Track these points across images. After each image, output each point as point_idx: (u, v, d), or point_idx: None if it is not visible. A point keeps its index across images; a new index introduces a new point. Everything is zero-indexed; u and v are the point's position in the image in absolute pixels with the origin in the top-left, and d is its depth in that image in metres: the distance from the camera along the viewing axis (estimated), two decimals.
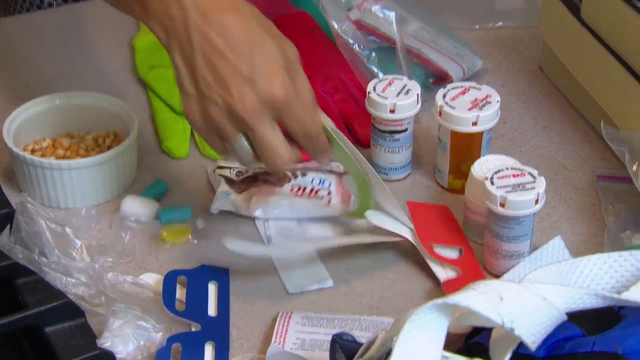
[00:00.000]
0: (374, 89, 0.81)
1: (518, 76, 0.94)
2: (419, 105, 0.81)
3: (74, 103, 0.84)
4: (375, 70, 0.87)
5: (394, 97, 0.80)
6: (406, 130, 0.81)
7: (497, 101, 0.78)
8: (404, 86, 0.81)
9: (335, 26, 0.87)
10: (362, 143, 0.86)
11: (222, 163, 0.82)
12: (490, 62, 0.95)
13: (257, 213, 0.78)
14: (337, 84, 0.90)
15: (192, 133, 0.87)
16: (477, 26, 1.00)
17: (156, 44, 0.95)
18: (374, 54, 0.88)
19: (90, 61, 0.96)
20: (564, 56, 0.87)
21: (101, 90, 0.91)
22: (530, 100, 0.90)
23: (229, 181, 0.80)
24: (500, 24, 1.00)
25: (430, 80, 0.91)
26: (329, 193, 0.78)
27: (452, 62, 0.91)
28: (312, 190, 0.78)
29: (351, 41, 0.88)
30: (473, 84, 0.80)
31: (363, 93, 0.88)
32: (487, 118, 0.77)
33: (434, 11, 0.96)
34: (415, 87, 0.81)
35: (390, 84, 0.81)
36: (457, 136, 0.78)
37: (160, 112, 0.89)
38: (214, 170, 0.82)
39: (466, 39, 0.96)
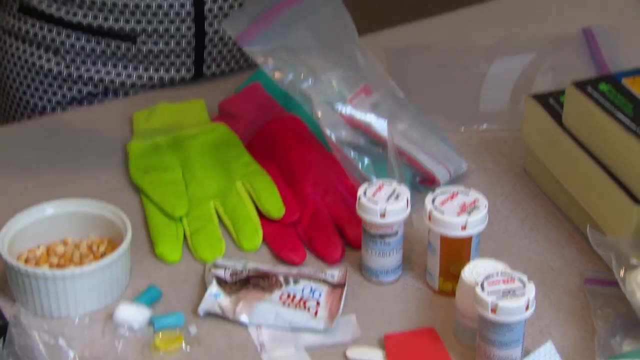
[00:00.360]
0: (365, 193, 0.82)
1: (504, 178, 0.96)
2: (408, 210, 0.82)
3: (68, 211, 0.85)
4: (370, 176, 0.89)
5: (384, 201, 0.81)
6: (397, 233, 0.82)
7: (485, 205, 0.80)
8: (394, 190, 0.83)
9: (328, 132, 0.89)
10: (353, 245, 0.87)
11: (219, 262, 0.83)
12: (476, 164, 0.97)
13: (242, 319, 0.78)
14: (328, 186, 0.92)
15: (184, 237, 0.88)
16: (463, 129, 1.03)
17: (150, 148, 0.98)
18: (367, 160, 0.90)
19: (85, 167, 0.97)
20: (548, 161, 0.90)
21: (96, 195, 0.93)
22: (516, 202, 0.92)
23: (221, 282, 0.81)
24: (484, 126, 1.03)
25: (417, 179, 0.93)
26: (317, 304, 0.78)
27: (439, 165, 0.93)
28: (300, 299, 0.79)
29: (345, 149, 0.90)
30: (461, 188, 0.82)
31: (353, 195, 0.90)
32: (475, 222, 0.79)
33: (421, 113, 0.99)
34: (405, 192, 0.82)
35: (380, 188, 0.83)
36: (446, 240, 0.80)
37: (154, 217, 0.90)
38: (210, 269, 0.83)
39: (452, 140, 0.98)
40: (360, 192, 0.83)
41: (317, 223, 0.89)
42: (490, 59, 1.14)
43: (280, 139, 0.98)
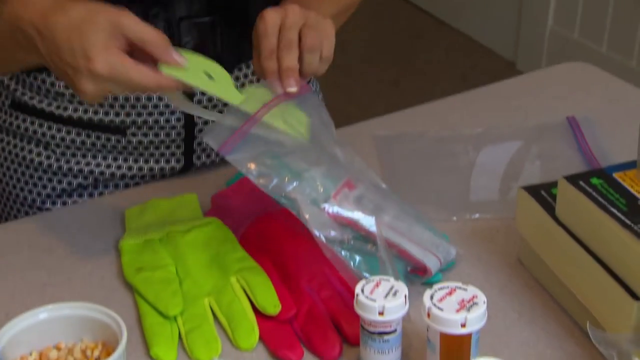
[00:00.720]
0: (362, 291, 0.82)
1: (498, 269, 0.96)
2: (407, 306, 0.82)
3: (62, 314, 0.84)
4: (363, 274, 0.89)
5: (382, 299, 0.81)
6: (395, 331, 0.82)
7: (484, 302, 0.80)
8: (392, 287, 0.83)
9: (317, 234, 0.89)
10: (351, 342, 0.86)
11: None
12: (470, 254, 0.98)
13: None
14: (323, 280, 0.92)
15: (180, 337, 0.87)
16: (455, 218, 1.03)
17: (142, 246, 0.97)
18: (358, 258, 0.90)
19: (77, 266, 0.96)
20: (543, 253, 0.90)
21: (89, 295, 0.92)
22: (512, 294, 0.92)
23: None
24: (477, 216, 1.03)
25: (408, 269, 0.93)
26: None
27: (429, 253, 0.93)
28: None
29: (335, 249, 0.90)
30: (459, 284, 0.82)
31: (349, 289, 0.90)
32: (475, 319, 0.79)
33: (411, 204, 0.99)
34: (403, 288, 0.82)
35: (377, 285, 0.83)
36: (446, 338, 0.79)
37: (148, 317, 0.89)
38: None
39: (444, 230, 0.99)
40: (357, 289, 0.82)
41: (314, 319, 0.88)
42: (478, 147, 1.15)
43: (273, 233, 0.97)
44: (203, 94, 1.08)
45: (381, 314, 0.81)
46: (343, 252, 0.90)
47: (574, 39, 2.81)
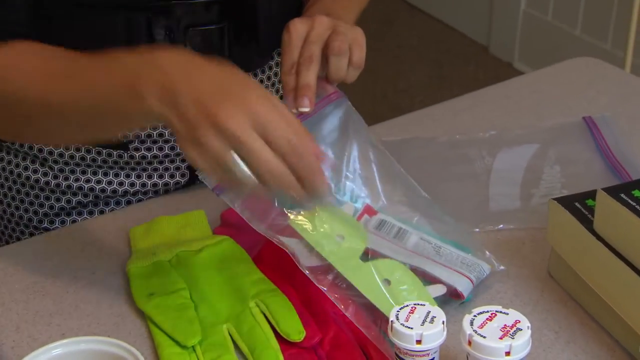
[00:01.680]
0: (397, 317, 0.77)
1: (529, 283, 0.91)
2: (445, 333, 0.77)
3: (77, 349, 0.78)
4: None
5: (419, 326, 0.77)
6: (433, 359, 0.78)
7: (528, 327, 0.75)
8: (428, 313, 0.78)
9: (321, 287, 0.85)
10: None
11: None
12: (502, 271, 0.93)
13: None
14: (348, 304, 0.87)
15: None
16: (477, 230, 0.99)
17: (152, 268, 0.92)
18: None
19: (83, 292, 0.91)
20: (580, 268, 0.86)
21: (98, 324, 0.87)
22: (546, 312, 0.88)
23: None
24: (501, 227, 0.99)
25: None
26: None
27: (459, 276, 0.89)
28: None
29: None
30: (499, 308, 0.77)
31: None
32: (520, 347, 0.74)
33: (437, 219, 0.95)
34: (440, 314, 0.78)
35: (412, 311, 0.78)
36: None
37: (165, 348, 0.83)
38: None
39: (467, 242, 0.94)
40: (392, 316, 0.78)
41: (341, 346, 0.83)
42: (493, 151, 1.11)
43: (285, 264, 0.92)
44: None
45: (419, 342, 0.76)
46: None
47: (548, 21, 2.77)
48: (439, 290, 0.88)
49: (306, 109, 0.83)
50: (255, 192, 0.76)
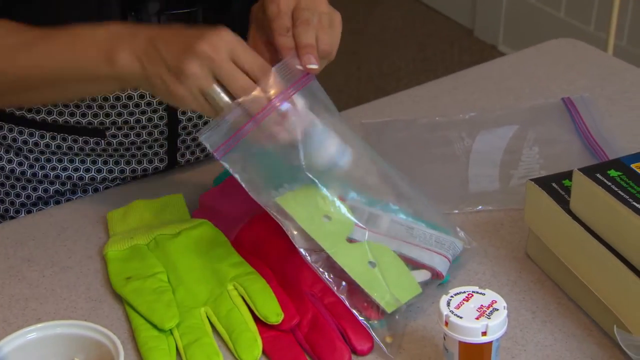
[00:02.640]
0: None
1: (506, 264, 0.92)
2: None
3: (52, 334, 0.78)
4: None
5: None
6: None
7: (504, 307, 0.75)
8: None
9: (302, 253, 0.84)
10: (358, 352, 0.82)
11: None
12: (476, 249, 0.93)
13: None
14: (325, 286, 0.87)
15: (177, 352, 0.82)
16: (456, 211, 0.99)
17: (129, 252, 0.91)
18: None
19: (60, 276, 0.90)
20: (557, 249, 0.86)
21: (75, 308, 0.87)
22: (524, 292, 0.88)
23: None
24: (480, 208, 0.99)
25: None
26: None
27: (435, 255, 0.88)
28: None
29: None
30: (476, 288, 0.77)
31: None
32: (496, 327, 0.74)
33: (410, 200, 0.94)
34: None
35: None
36: (466, 347, 0.75)
37: (142, 331, 0.83)
38: None
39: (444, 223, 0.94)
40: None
41: (319, 328, 0.83)
42: (473, 132, 1.11)
43: (269, 235, 0.92)
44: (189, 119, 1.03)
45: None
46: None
47: (532, 3, 2.77)
48: (423, 275, 0.87)
49: (315, 66, 0.83)
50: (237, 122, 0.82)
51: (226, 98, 0.81)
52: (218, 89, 0.81)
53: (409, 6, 3.18)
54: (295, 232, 0.85)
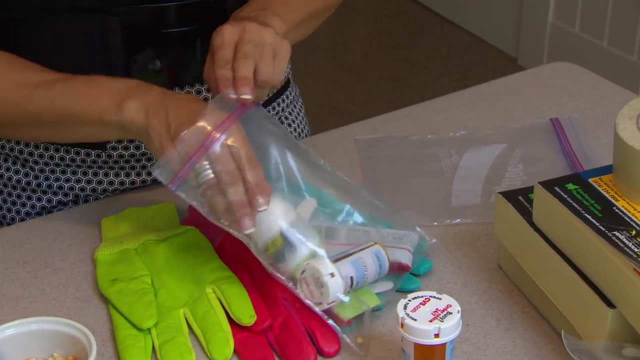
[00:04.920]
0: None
1: (478, 274, 0.94)
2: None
3: (30, 330, 0.82)
4: None
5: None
6: None
7: (458, 311, 0.79)
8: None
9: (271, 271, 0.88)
10: (325, 354, 0.85)
11: None
12: (450, 259, 0.96)
13: None
14: None
15: (153, 350, 0.86)
16: (436, 223, 1.02)
17: (118, 256, 0.96)
18: None
19: (52, 278, 0.95)
20: (521, 259, 0.89)
21: (63, 307, 0.91)
22: (492, 300, 0.91)
23: None
24: (458, 221, 1.02)
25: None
26: None
27: (397, 250, 0.91)
28: None
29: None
30: (433, 293, 0.81)
31: None
32: (449, 329, 0.78)
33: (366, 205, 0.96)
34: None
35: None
36: (420, 348, 0.78)
37: (121, 329, 0.88)
38: None
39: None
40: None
41: (289, 330, 0.87)
42: (461, 150, 1.14)
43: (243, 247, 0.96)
44: None
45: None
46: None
47: (575, 33, 2.79)
48: (385, 285, 0.91)
49: (248, 96, 0.87)
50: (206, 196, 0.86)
51: (211, 175, 0.85)
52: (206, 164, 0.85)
53: (454, 35, 3.21)
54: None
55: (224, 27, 0.90)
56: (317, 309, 0.85)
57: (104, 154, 1.06)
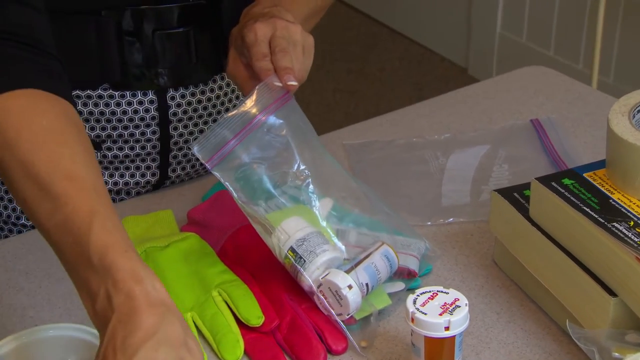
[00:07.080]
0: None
1: (475, 271, 0.98)
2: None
3: (46, 336, 0.83)
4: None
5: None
6: None
7: (466, 304, 0.82)
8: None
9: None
10: (334, 352, 0.87)
11: None
12: (446, 257, 0.99)
13: None
14: (301, 291, 0.92)
15: None
16: (429, 223, 1.05)
17: None
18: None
19: (56, 287, 0.96)
20: (518, 254, 0.92)
21: (70, 315, 0.92)
22: (490, 296, 0.94)
23: None
24: (450, 220, 1.05)
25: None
26: None
27: (405, 256, 0.94)
28: None
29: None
30: (440, 288, 0.83)
31: None
32: (458, 322, 0.81)
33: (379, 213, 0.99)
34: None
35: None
36: (430, 341, 0.81)
37: None
38: None
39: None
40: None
41: (297, 329, 0.89)
42: (447, 152, 1.17)
43: (251, 246, 0.98)
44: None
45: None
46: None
47: (523, 43, 2.86)
48: (397, 286, 0.93)
49: (294, 83, 0.91)
50: None
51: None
52: None
53: (405, 47, 3.26)
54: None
55: (256, 25, 0.92)
56: (338, 319, 0.88)
57: (98, 154, 1.07)
